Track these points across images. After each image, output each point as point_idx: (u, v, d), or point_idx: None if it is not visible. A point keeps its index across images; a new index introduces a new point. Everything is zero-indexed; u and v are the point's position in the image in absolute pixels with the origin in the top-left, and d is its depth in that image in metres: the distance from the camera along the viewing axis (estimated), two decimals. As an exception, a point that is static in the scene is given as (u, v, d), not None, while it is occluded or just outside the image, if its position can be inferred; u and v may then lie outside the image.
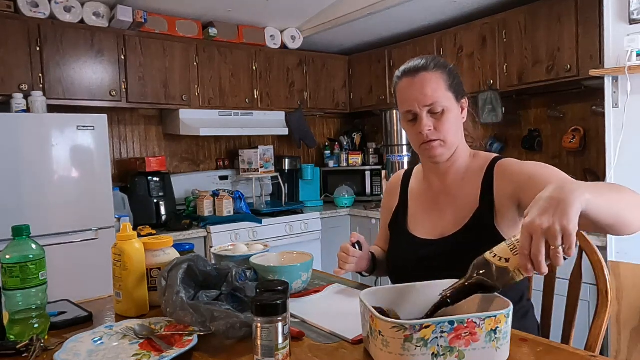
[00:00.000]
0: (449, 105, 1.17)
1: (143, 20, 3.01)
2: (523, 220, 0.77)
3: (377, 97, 3.93)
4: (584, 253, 1.21)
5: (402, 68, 1.22)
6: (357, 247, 1.25)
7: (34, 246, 0.99)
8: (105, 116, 2.73)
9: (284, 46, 3.80)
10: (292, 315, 1.05)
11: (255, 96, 3.64)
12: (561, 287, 1.30)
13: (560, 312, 1.25)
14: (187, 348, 0.88)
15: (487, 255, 0.83)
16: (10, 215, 2.37)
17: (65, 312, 1.13)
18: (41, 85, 2.77)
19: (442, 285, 0.95)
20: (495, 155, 1.21)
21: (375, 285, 1.02)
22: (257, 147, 3.64)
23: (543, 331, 1.24)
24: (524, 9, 2.90)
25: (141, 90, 3.13)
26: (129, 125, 3.46)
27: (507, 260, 0.79)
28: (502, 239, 0.99)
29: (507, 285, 0.81)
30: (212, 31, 3.38)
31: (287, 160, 3.89)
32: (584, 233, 1.22)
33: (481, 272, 0.82)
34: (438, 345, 0.75)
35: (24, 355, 0.90)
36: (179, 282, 1.01)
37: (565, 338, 1.18)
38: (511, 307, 0.79)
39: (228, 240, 3.06)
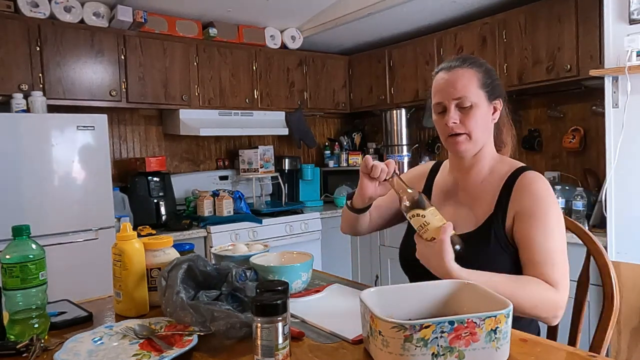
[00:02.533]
0: (477, 102, 1.18)
1: (143, 20, 3.01)
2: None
3: (377, 97, 3.93)
4: (591, 256, 1.21)
5: (441, 64, 1.25)
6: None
7: (34, 246, 0.99)
8: (105, 116, 2.73)
9: (284, 46, 3.80)
10: (292, 315, 1.05)
11: (255, 96, 3.64)
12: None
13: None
14: (187, 348, 0.88)
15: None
16: (10, 215, 2.37)
17: (65, 312, 1.13)
18: (41, 85, 2.77)
19: (442, 285, 0.95)
20: (522, 165, 1.20)
21: (375, 285, 1.01)
22: (257, 147, 3.64)
23: (549, 333, 1.24)
24: (524, 9, 2.90)
25: (141, 90, 3.13)
26: (129, 125, 3.46)
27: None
28: (511, 247, 1.12)
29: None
30: (212, 31, 3.38)
31: (287, 160, 3.89)
32: (592, 235, 1.21)
33: None
34: (438, 345, 0.75)
35: (24, 355, 0.90)
36: (179, 282, 1.01)
37: (572, 340, 1.18)
38: (511, 307, 0.79)
39: (228, 240, 3.06)
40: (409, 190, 1.09)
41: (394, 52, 3.78)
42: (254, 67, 3.63)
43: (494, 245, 1.13)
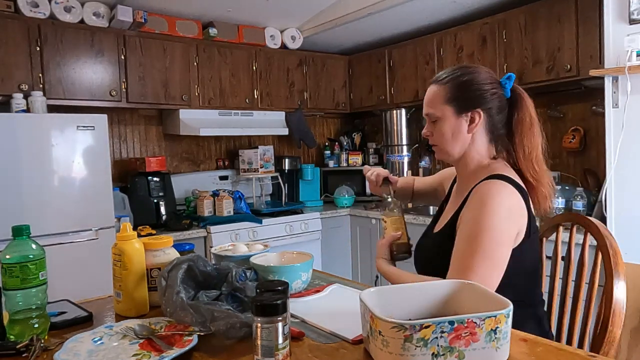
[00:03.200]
0: (442, 117, 1.25)
1: (143, 20, 3.01)
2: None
3: (377, 97, 3.93)
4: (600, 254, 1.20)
5: None
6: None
7: (34, 246, 0.99)
8: (105, 116, 2.73)
9: (284, 46, 3.80)
10: (292, 315, 1.05)
11: (255, 96, 3.64)
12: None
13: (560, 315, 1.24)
14: (187, 348, 0.88)
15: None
16: (10, 215, 2.37)
17: (65, 312, 1.13)
18: (41, 85, 2.77)
19: (442, 285, 0.95)
20: (496, 174, 1.19)
21: (375, 285, 1.02)
22: (257, 147, 3.64)
23: (557, 336, 1.24)
24: (524, 9, 2.90)
25: (141, 90, 3.13)
26: (129, 125, 3.46)
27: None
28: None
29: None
30: (212, 31, 3.38)
31: (287, 160, 3.89)
32: (606, 234, 1.20)
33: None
34: (438, 345, 0.75)
35: (24, 355, 0.90)
36: (179, 282, 1.01)
37: (580, 343, 1.18)
38: (511, 307, 0.79)
39: (228, 240, 3.06)
40: (388, 199, 1.41)
41: (394, 52, 3.78)
42: (254, 67, 3.63)
43: (445, 247, 1.19)
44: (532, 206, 1.20)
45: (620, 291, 1.06)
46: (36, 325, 0.97)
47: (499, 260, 1.11)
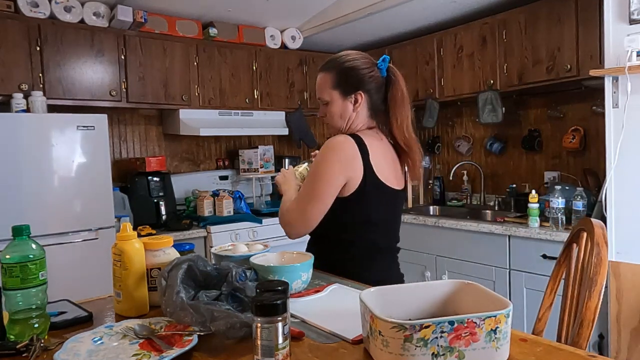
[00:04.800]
0: (331, 100, 1.49)
1: (143, 20, 3.01)
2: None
3: (377, 97, 3.93)
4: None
5: None
6: None
7: (34, 246, 0.99)
8: (105, 116, 2.73)
9: (284, 46, 3.80)
10: (292, 315, 1.05)
11: (255, 96, 3.64)
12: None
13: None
14: (187, 348, 0.88)
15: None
16: (10, 215, 2.37)
17: (65, 312, 1.13)
18: (41, 85, 2.77)
19: (442, 285, 0.95)
20: (351, 134, 1.45)
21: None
22: (257, 147, 3.64)
23: (558, 334, 1.24)
24: (524, 9, 2.90)
25: (141, 90, 3.13)
26: (129, 125, 3.46)
27: None
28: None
29: None
30: (212, 31, 3.38)
31: (287, 160, 3.89)
32: (599, 241, 1.20)
33: None
34: (438, 345, 0.75)
35: (24, 355, 0.90)
36: (179, 282, 1.01)
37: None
38: (511, 307, 0.79)
39: (228, 240, 3.06)
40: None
41: (394, 52, 3.77)
42: (254, 67, 3.63)
43: None
44: (375, 168, 1.41)
45: (592, 302, 1.06)
46: (36, 325, 0.97)
47: (319, 193, 1.38)
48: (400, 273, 1.57)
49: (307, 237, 1.57)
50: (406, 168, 1.53)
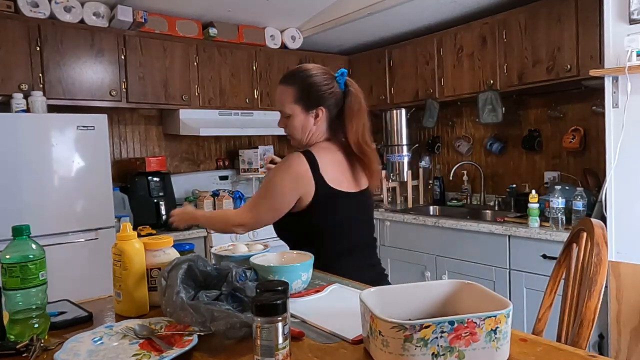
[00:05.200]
0: (293, 114, 1.55)
1: (143, 20, 3.01)
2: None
3: (377, 97, 3.93)
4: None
5: None
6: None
7: (34, 246, 0.99)
8: (105, 116, 2.73)
9: (284, 46, 3.80)
10: (292, 315, 1.05)
11: (255, 96, 3.64)
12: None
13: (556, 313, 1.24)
14: (187, 348, 0.88)
15: None
16: (10, 215, 2.37)
17: (65, 312, 1.13)
18: (41, 85, 2.77)
19: (442, 285, 0.95)
20: (305, 150, 1.53)
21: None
22: (257, 147, 3.65)
23: (558, 334, 1.24)
24: (524, 9, 2.90)
25: (141, 90, 3.13)
26: (129, 125, 3.46)
27: None
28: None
29: None
30: (212, 31, 3.38)
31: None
32: (599, 241, 1.20)
33: None
34: (438, 345, 0.75)
35: (24, 355, 0.90)
36: (179, 282, 1.01)
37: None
38: (511, 307, 0.79)
39: (228, 240, 3.06)
40: None
41: (394, 52, 3.78)
42: (254, 67, 3.63)
43: None
44: (327, 178, 1.49)
45: (592, 301, 1.06)
46: (36, 325, 0.97)
47: (275, 205, 1.49)
48: (380, 269, 1.70)
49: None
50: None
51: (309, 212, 1.50)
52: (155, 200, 3.17)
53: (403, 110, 3.78)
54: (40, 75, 2.77)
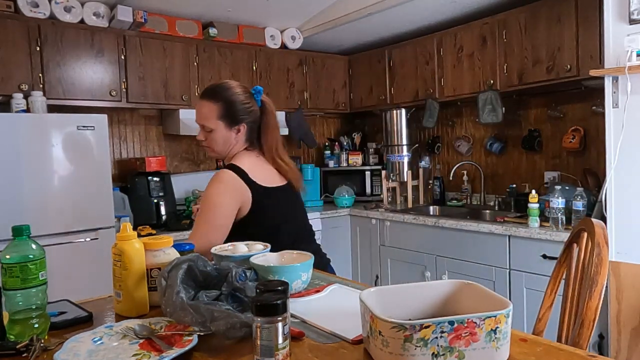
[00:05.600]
0: (215, 129, 1.64)
1: (143, 20, 3.01)
2: None
3: (377, 97, 3.93)
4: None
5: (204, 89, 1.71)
6: None
7: (34, 246, 0.99)
8: (105, 116, 2.73)
9: (284, 46, 3.80)
10: (292, 315, 1.05)
11: (255, 96, 3.64)
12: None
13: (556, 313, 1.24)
14: (187, 348, 0.88)
15: None
16: (10, 215, 2.37)
17: (65, 312, 1.13)
18: (41, 85, 2.77)
19: (442, 285, 0.95)
20: (229, 164, 1.63)
21: (375, 285, 1.02)
22: (257, 147, 3.64)
23: (559, 334, 1.25)
24: (524, 9, 2.90)
25: (141, 90, 3.13)
26: (129, 125, 3.46)
27: None
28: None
29: None
30: (212, 31, 3.38)
31: (286, 160, 3.88)
32: (600, 241, 1.19)
33: None
34: (438, 345, 0.75)
35: (24, 355, 0.90)
36: (179, 282, 1.01)
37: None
38: (511, 307, 0.79)
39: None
40: None
41: (394, 52, 3.78)
42: (254, 67, 3.63)
43: None
44: (258, 180, 1.59)
45: (593, 302, 1.06)
46: (36, 325, 0.97)
47: (216, 224, 1.54)
48: (323, 254, 1.75)
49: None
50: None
51: (252, 215, 1.58)
52: (155, 201, 3.17)
53: (403, 110, 3.78)
54: (40, 75, 2.77)
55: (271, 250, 1.35)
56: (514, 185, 3.26)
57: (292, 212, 1.74)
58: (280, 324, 0.79)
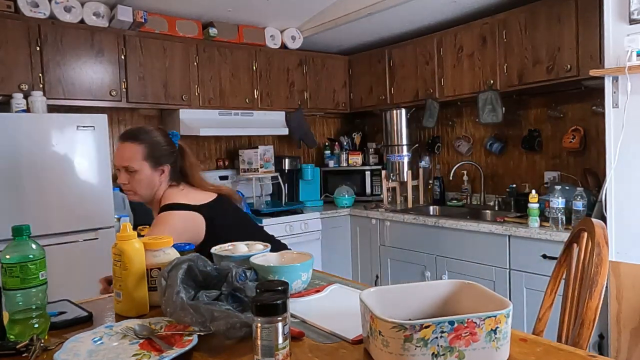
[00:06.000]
0: (140, 170, 1.65)
1: (143, 20, 3.01)
2: None
3: (377, 97, 3.93)
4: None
5: (123, 131, 1.73)
6: None
7: (34, 246, 0.99)
8: (105, 116, 2.73)
9: (284, 46, 3.80)
10: (292, 315, 1.05)
11: (255, 96, 3.64)
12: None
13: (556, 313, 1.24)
14: (187, 348, 0.88)
15: None
16: (10, 215, 2.37)
17: (65, 312, 1.13)
18: (41, 85, 2.77)
19: (442, 285, 0.95)
20: (166, 204, 1.63)
21: (375, 285, 1.02)
22: (257, 147, 3.64)
23: (559, 334, 1.25)
24: (524, 9, 2.90)
25: (141, 90, 3.13)
26: (129, 125, 3.45)
27: None
28: None
29: None
30: (212, 31, 3.38)
31: (287, 160, 3.89)
32: (600, 241, 1.19)
33: None
34: (438, 345, 0.75)
35: (24, 355, 0.90)
36: (179, 282, 1.01)
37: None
38: (511, 307, 0.79)
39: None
40: None
41: (394, 52, 3.78)
42: (254, 67, 3.63)
43: None
44: (201, 203, 1.65)
45: (593, 302, 1.06)
46: (36, 325, 0.97)
47: None
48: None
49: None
50: None
51: (211, 234, 1.62)
52: (155, 200, 3.17)
53: (403, 110, 3.78)
54: (40, 75, 2.77)
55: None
56: (514, 185, 3.26)
57: (240, 213, 1.82)
58: (280, 324, 0.79)
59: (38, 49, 2.76)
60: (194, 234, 1.61)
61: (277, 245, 1.73)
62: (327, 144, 4.39)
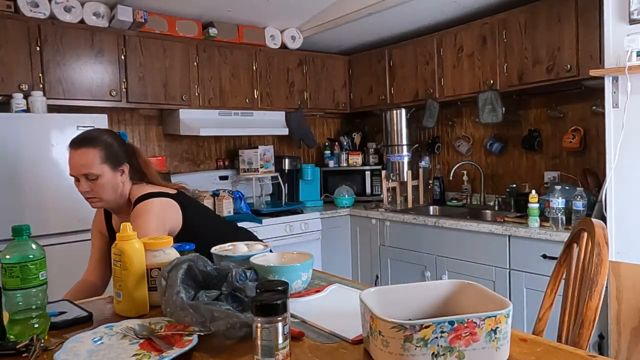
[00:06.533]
0: (102, 174, 1.59)
1: (143, 20, 3.01)
2: None
3: (377, 97, 3.93)
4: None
5: (72, 139, 1.67)
6: None
7: (34, 246, 0.99)
8: (105, 116, 2.73)
9: (284, 46, 3.80)
10: (292, 315, 1.05)
11: (255, 96, 3.64)
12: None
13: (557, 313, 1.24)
14: (187, 348, 0.88)
15: None
16: (10, 215, 2.37)
17: (65, 312, 1.13)
18: (41, 85, 2.77)
19: (442, 285, 0.95)
20: (141, 195, 1.61)
21: (375, 285, 1.02)
22: (257, 147, 3.64)
23: (559, 334, 1.25)
24: (524, 9, 2.90)
25: (141, 90, 3.13)
26: (129, 125, 3.46)
27: None
28: None
29: None
30: (212, 31, 3.38)
31: (287, 160, 3.89)
32: (600, 241, 1.19)
33: None
34: (438, 345, 0.75)
35: (24, 355, 0.90)
36: (179, 282, 1.01)
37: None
38: (511, 307, 0.79)
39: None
40: None
41: (394, 52, 3.78)
42: (254, 67, 3.63)
43: None
44: (172, 193, 1.65)
45: (593, 302, 1.06)
46: (36, 325, 0.97)
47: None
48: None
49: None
50: None
51: (186, 220, 1.63)
52: (155, 200, 3.17)
53: (403, 110, 3.78)
54: (40, 75, 2.77)
55: (220, 235, 1.42)
56: (514, 185, 3.26)
57: (203, 205, 1.86)
58: (280, 324, 0.79)
59: (38, 49, 2.76)
60: (174, 221, 1.62)
61: (244, 232, 1.86)
62: (327, 144, 4.39)
